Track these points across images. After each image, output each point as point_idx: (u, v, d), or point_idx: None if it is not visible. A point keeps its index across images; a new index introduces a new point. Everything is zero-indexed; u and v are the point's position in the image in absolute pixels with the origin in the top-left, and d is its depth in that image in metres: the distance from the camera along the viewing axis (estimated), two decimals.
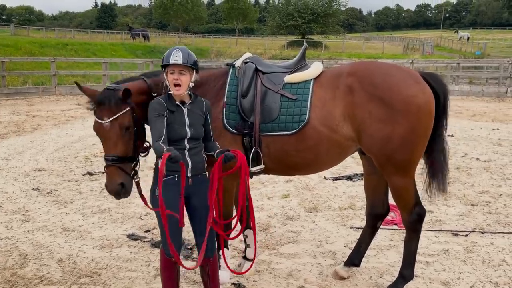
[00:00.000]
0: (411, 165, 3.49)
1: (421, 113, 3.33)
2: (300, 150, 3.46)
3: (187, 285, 3.93)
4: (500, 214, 5.67)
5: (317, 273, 4.19)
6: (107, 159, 3.06)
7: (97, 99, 3.06)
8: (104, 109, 3.03)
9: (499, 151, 9.20)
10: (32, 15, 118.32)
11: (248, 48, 47.60)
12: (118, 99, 3.03)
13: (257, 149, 3.46)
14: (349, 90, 3.41)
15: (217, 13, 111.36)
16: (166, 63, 3.03)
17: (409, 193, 3.57)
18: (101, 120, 3.03)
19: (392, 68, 3.57)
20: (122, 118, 3.04)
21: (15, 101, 17.00)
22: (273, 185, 6.96)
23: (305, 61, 3.77)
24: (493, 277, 4.10)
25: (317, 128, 3.42)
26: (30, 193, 6.52)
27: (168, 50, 3.12)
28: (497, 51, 46.50)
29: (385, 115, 3.32)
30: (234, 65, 3.68)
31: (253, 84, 3.54)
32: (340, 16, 60.10)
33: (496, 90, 19.59)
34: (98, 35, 56.36)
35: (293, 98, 3.48)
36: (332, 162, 3.68)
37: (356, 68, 3.55)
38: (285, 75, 3.62)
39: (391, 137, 3.34)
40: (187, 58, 3.03)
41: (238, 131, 3.46)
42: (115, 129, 3.03)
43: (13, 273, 4.17)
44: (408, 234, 3.71)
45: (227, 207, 3.70)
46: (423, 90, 3.39)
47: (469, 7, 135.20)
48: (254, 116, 3.46)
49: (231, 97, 3.51)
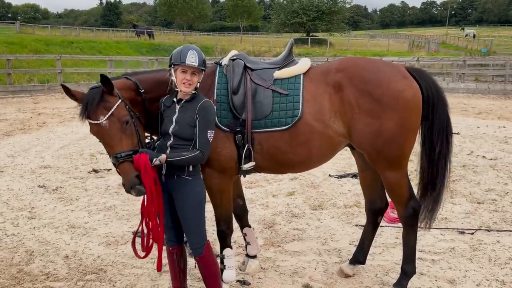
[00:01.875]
0: (402, 160, 3.50)
1: (409, 107, 3.36)
2: (293, 146, 3.44)
3: (193, 282, 3.94)
4: (506, 212, 5.64)
5: (323, 271, 4.19)
6: (117, 157, 2.93)
7: (85, 101, 2.93)
8: (96, 108, 2.91)
9: (505, 149, 9.15)
10: (38, 13, 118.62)
11: (253, 46, 47.65)
12: (104, 93, 2.95)
13: (249, 147, 3.41)
14: (338, 86, 3.42)
15: (221, 10, 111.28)
16: (182, 62, 3.00)
17: (402, 188, 3.57)
18: (97, 120, 2.92)
19: (379, 63, 3.60)
20: (117, 112, 2.96)
21: (20, 99, 17.08)
22: (278, 182, 6.96)
23: (292, 57, 3.74)
24: (500, 275, 4.08)
25: (310, 123, 3.40)
26: (36, 190, 6.55)
27: (181, 48, 3.08)
28: (503, 49, 46.27)
29: (374, 110, 3.34)
30: (221, 63, 3.63)
31: (243, 81, 3.49)
32: (345, 13, 59.94)
33: (502, 88, 19.51)
34: (103, 33, 56.47)
35: (285, 93, 3.45)
36: (323, 159, 3.65)
37: (345, 64, 3.54)
38: (274, 71, 3.59)
39: (381, 132, 3.35)
40: (201, 61, 3.06)
41: (230, 129, 3.40)
42: (115, 125, 2.94)
43: (19, 270, 4.20)
44: (405, 230, 3.70)
45: (225, 208, 3.63)
46: (410, 84, 3.42)
47: (475, 4, 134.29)
48: (246, 113, 3.41)
49: (221, 95, 3.45)
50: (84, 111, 2.93)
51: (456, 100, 16.96)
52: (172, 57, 3.08)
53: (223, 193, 3.54)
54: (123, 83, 3.23)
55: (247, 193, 6.04)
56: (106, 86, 2.94)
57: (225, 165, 3.42)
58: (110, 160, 3.06)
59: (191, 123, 3.08)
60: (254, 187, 6.76)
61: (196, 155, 3.02)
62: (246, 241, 4.18)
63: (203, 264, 3.30)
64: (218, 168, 3.41)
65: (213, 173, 3.42)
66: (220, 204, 3.58)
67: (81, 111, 2.95)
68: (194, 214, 3.15)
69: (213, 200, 3.57)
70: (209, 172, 3.40)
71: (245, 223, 4.19)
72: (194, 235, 3.21)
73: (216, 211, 3.65)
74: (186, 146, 3.08)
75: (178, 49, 3.10)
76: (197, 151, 3.03)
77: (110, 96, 2.98)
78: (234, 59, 3.59)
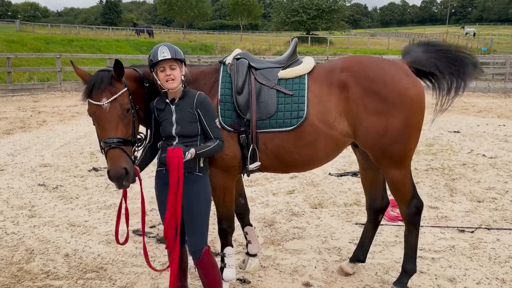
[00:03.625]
0: (406, 158, 3.50)
1: (413, 105, 3.37)
2: (298, 147, 3.43)
3: (193, 280, 3.94)
4: (506, 211, 5.64)
5: (323, 269, 4.19)
6: (108, 142, 2.85)
7: (92, 81, 2.91)
8: (102, 90, 2.88)
9: (505, 147, 9.15)
10: (37, 11, 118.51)
11: (253, 44, 47.61)
12: (113, 78, 2.95)
13: (254, 147, 3.40)
14: (343, 85, 3.40)
15: (221, 9, 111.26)
16: (155, 61, 3.00)
17: (406, 186, 3.57)
18: (99, 101, 2.87)
19: (383, 61, 3.58)
20: (121, 98, 2.94)
21: (20, 97, 17.09)
22: (278, 181, 6.96)
23: (296, 56, 3.72)
24: (499, 274, 4.08)
25: (315, 124, 3.39)
26: (36, 189, 6.55)
27: (152, 49, 3.07)
28: (503, 47, 46.21)
29: (380, 108, 3.34)
30: (225, 62, 3.60)
31: (247, 80, 3.47)
32: (345, 12, 59.83)
33: (502, 86, 19.50)
34: (103, 31, 56.46)
35: (289, 94, 3.43)
36: (328, 158, 3.65)
37: (349, 63, 3.53)
38: (278, 71, 3.57)
39: (386, 130, 3.35)
40: (175, 52, 3.03)
41: (235, 128, 3.38)
42: (116, 110, 2.90)
43: (19, 268, 4.20)
44: (407, 228, 3.70)
45: (228, 207, 3.62)
46: (414, 82, 3.42)
47: (475, 2, 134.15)
48: (251, 113, 3.39)
49: (225, 95, 3.42)
50: (89, 91, 2.91)
51: (456, 99, 16.92)
52: (148, 61, 3.07)
53: (226, 191, 3.54)
54: (131, 73, 3.23)
55: (247, 191, 6.02)
56: (118, 72, 2.94)
57: (228, 164, 3.41)
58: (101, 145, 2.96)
59: (192, 119, 3.07)
60: (254, 186, 6.76)
61: (218, 143, 3.10)
62: (247, 240, 4.17)
63: (201, 268, 3.26)
64: (222, 167, 3.40)
65: (216, 172, 3.41)
66: (222, 202, 3.58)
67: (86, 90, 2.93)
68: (200, 213, 3.13)
69: (216, 198, 3.56)
70: (213, 170, 3.39)
71: (247, 222, 4.19)
72: (196, 236, 3.17)
73: (218, 209, 3.64)
74: (193, 142, 3.08)
75: (150, 52, 3.09)
76: (217, 141, 3.09)
77: (118, 82, 2.97)
78: (238, 58, 3.57)
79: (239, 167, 3.49)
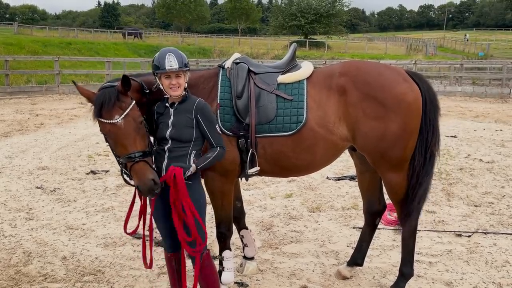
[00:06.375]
0: (404, 162, 3.53)
1: (411, 109, 3.40)
2: (297, 152, 3.45)
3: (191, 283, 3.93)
4: (503, 215, 5.67)
5: (320, 273, 4.20)
6: (131, 157, 2.84)
7: (100, 100, 2.87)
8: (111, 107, 2.85)
9: (502, 152, 9.19)
10: (36, 14, 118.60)
11: (251, 48, 47.68)
12: (120, 94, 2.92)
13: (253, 151, 3.41)
14: (342, 90, 3.43)
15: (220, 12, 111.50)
16: (163, 69, 2.97)
17: (403, 189, 3.59)
18: (112, 119, 2.84)
19: (381, 66, 3.63)
20: (132, 112, 2.92)
21: (18, 100, 17.06)
22: (276, 184, 6.97)
23: (295, 61, 3.74)
24: (496, 278, 4.10)
25: (314, 129, 3.41)
26: (34, 192, 6.54)
27: (159, 55, 3.04)
28: (501, 52, 46.47)
29: (378, 113, 3.37)
30: (224, 66, 3.61)
31: (246, 85, 3.48)
32: (343, 16, 60.05)
33: (499, 91, 19.56)
34: (101, 35, 56.49)
35: (289, 98, 3.45)
36: (327, 163, 3.68)
37: (348, 67, 3.56)
38: (277, 75, 3.58)
39: (385, 135, 3.38)
40: (182, 61, 3.02)
41: (234, 133, 3.39)
42: (130, 124, 2.87)
43: (17, 271, 4.19)
44: (404, 232, 3.72)
45: (226, 211, 3.63)
46: (411, 87, 3.45)
47: (473, 8, 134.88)
48: (250, 118, 3.40)
49: (224, 99, 3.43)
50: (98, 110, 2.88)
51: (453, 103, 17.02)
52: (153, 66, 3.06)
53: (224, 195, 3.55)
54: (133, 84, 3.16)
55: (245, 195, 6.06)
56: (125, 87, 2.91)
57: (227, 168, 3.43)
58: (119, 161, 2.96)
59: (189, 124, 3.06)
60: (252, 189, 6.77)
61: (219, 151, 3.09)
62: (244, 243, 4.18)
63: (200, 272, 3.24)
64: (220, 171, 3.41)
65: (215, 176, 3.42)
66: (221, 206, 3.59)
67: (95, 110, 2.89)
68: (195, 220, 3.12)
69: (214, 202, 3.58)
70: (211, 175, 3.41)
71: (243, 225, 4.20)
72: (193, 241, 3.15)
73: (216, 213, 3.65)
74: (185, 148, 3.06)
75: (156, 56, 3.05)
76: (218, 148, 3.09)
77: (125, 96, 2.95)
78: (237, 63, 3.58)
79: (238, 171, 3.50)
